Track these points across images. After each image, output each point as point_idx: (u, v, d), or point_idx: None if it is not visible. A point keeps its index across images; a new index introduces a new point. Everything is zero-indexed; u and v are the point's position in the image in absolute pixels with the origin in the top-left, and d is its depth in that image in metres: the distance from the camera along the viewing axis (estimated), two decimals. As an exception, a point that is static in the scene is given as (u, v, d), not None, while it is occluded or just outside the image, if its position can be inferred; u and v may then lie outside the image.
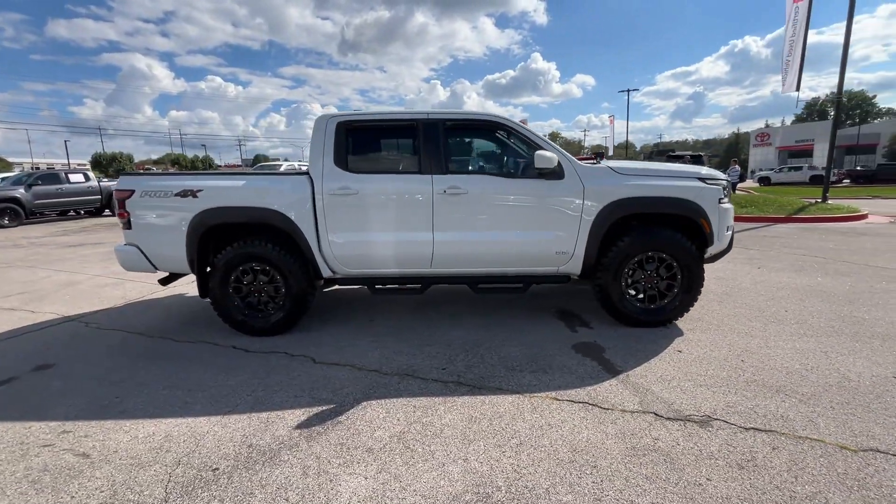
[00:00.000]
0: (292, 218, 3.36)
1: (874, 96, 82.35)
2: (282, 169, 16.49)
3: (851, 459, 1.89)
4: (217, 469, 1.97)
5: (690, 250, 3.31)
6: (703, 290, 3.45)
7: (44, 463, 2.04)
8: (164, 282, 3.97)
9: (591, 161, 3.85)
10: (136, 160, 68.21)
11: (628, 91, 42.84)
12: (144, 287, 5.26)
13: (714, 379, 2.65)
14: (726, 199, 3.47)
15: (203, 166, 65.47)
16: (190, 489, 1.84)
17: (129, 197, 3.45)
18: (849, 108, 77.21)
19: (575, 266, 3.42)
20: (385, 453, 2.04)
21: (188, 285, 5.22)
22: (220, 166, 61.99)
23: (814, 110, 79.92)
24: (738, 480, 1.79)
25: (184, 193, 3.38)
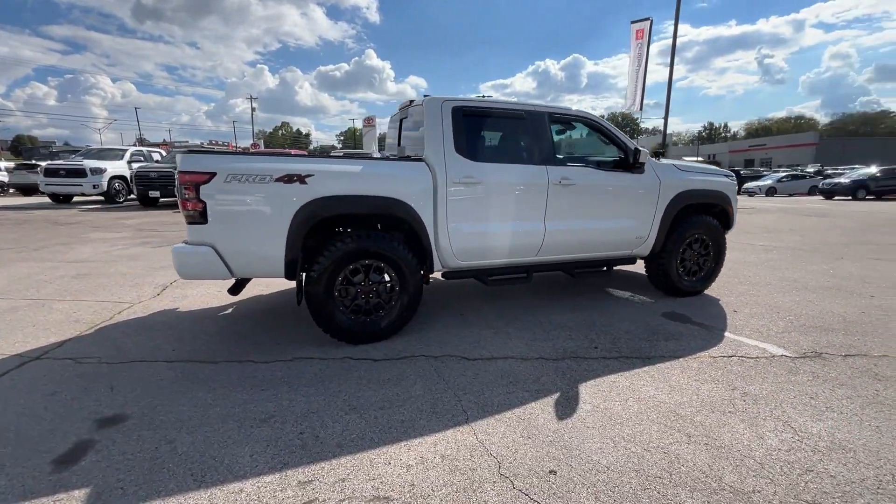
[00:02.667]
0: (416, 208, 3.07)
1: (638, 118, 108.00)
2: (128, 154, 13.41)
3: (914, 363, 2.87)
4: (554, 471, 1.86)
5: (722, 232, 4.20)
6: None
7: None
8: (235, 290, 3.11)
9: None
10: None
11: (484, 96, 46.43)
12: (91, 306, 3.92)
13: (785, 326, 3.50)
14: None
15: None
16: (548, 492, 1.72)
17: (206, 182, 2.63)
18: (621, 126, 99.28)
19: (645, 249, 3.98)
20: (702, 415, 2.21)
21: (174, 299, 4.15)
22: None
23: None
24: (868, 386, 2.55)
25: (288, 179, 2.76)
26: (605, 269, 3.94)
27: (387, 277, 3.09)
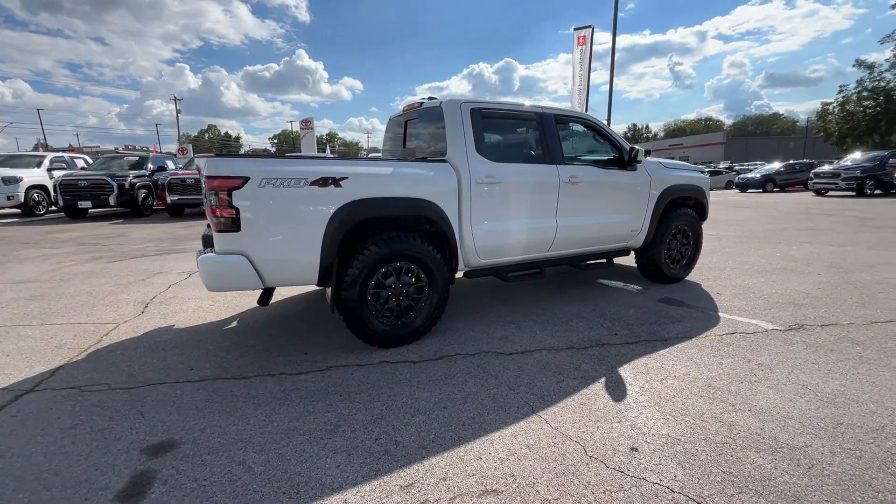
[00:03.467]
0: (444, 208, 3.10)
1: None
2: (47, 161, 12.05)
3: (880, 326, 3.35)
4: (636, 448, 1.99)
5: (699, 222, 4.62)
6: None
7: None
8: (266, 300, 2.93)
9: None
10: None
11: (429, 99, 46.28)
12: (68, 329, 3.53)
13: (764, 304, 3.92)
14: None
15: None
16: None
17: (239, 187, 2.48)
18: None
19: (638, 241, 4.28)
20: (733, 384, 2.44)
21: (164, 316, 3.85)
22: None
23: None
24: (851, 350, 2.97)
25: (323, 182, 2.68)
26: (604, 261, 4.19)
27: (414, 279, 3.09)
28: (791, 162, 24.41)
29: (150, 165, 12.89)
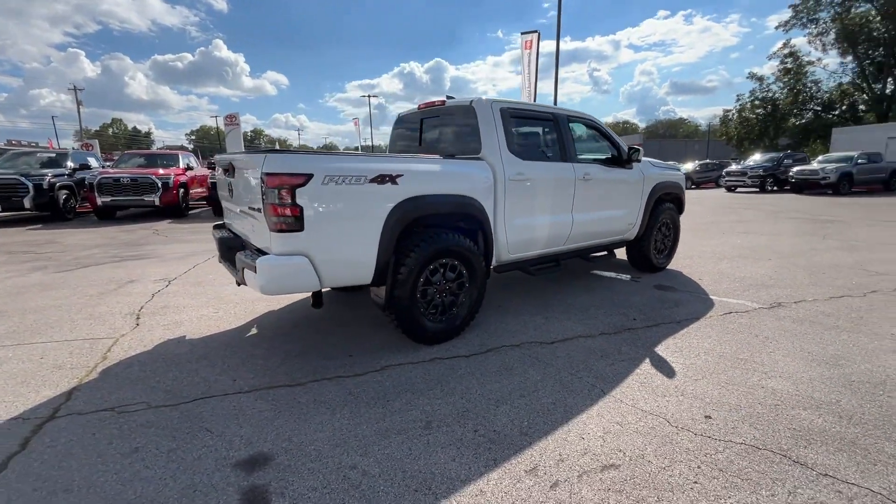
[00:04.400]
0: (484, 205, 3.17)
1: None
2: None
3: (838, 301, 3.96)
4: (709, 416, 2.23)
5: (678, 216, 5.10)
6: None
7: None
8: (319, 303, 2.78)
9: None
10: None
11: (369, 97, 44.88)
12: (57, 348, 3.13)
13: (741, 286, 4.44)
14: None
15: None
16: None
17: (303, 184, 2.37)
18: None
19: (633, 234, 4.64)
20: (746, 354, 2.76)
21: (166, 327, 3.54)
22: None
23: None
24: (828, 322, 3.52)
25: (381, 179, 2.63)
26: (605, 252, 4.51)
27: (456, 275, 3.13)
28: (707, 161, 27.27)
29: (69, 163, 11.38)
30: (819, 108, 32.81)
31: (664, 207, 4.87)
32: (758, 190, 19.10)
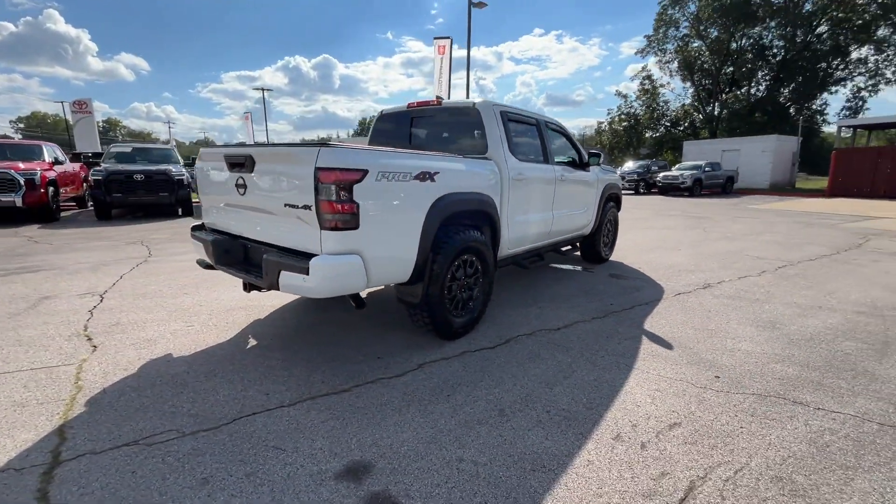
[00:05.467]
0: (497, 203, 3.32)
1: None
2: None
3: (750, 279, 4.92)
4: (718, 377, 2.68)
5: (617, 212, 5.81)
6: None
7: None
8: (362, 303, 2.59)
9: None
10: None
11: (263, 91, 40.89)
12: (7, 381, 2.52)
13: (672, 272, 5.24)
14: None
15: None
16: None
17: (360, 180, 2.26)
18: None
19: (589, 229, 5.18)
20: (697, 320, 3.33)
21: (135, 345, 3.08)
22: None
23: (365, 126, 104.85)
24: (759, 291, 4.39)
25: (423, 176, 2.63)
26: (570, 247, 4.97)
27: (473, 270, 3.23)
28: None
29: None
30: (669, 124, 39.14)
31: (610, 206, 5.53)
32: (633, 192, 22.17)
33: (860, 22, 29.30)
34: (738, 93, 35.33)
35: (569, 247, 5.03)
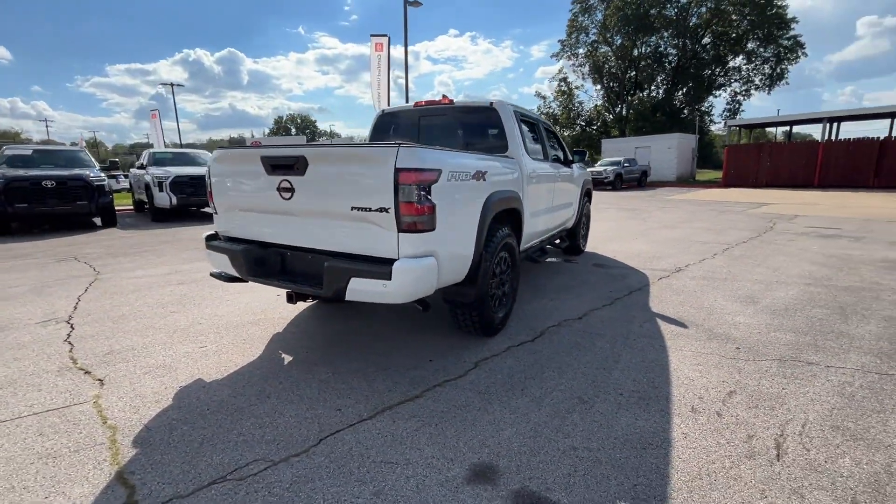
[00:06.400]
0: (521, 200, 3.41)
1: (315, 120, 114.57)
2: None
3: (716, 259, 5.54)
4: (739, 348, 3.02)
5: (590, 206, 6.21)
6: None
7: (744, 408, 2.28)
8: (427, 306, 2.48)
9: None
10: None
11: (172, 86, 36.07)
12: (23, 426, 2.12)
13: (643, 260, 5.72)
14: None
15: None
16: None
17: (436, 181, 2.21)
18: (303, 126, 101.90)
19: (571, 222, 5.47)
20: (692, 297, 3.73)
21: (156, 375, 2.76)
22: None
23: (281, 125, 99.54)
24: (727, 269, 4.97)
25: (478, 176, 2.63)
26: (559, 240, 5.22)
27: (505, 267, 3.30)
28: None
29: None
30: (584, 124, 42.18)
31: (585, 200, 5.89)
32: (562, 187, 23.61)
33: (734, 35, 33.94)
34: (642, 95, 39.05)
35: (558, 240, 5.29)
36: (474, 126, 3.73)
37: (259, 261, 2.66)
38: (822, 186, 19.52)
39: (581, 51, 39.92)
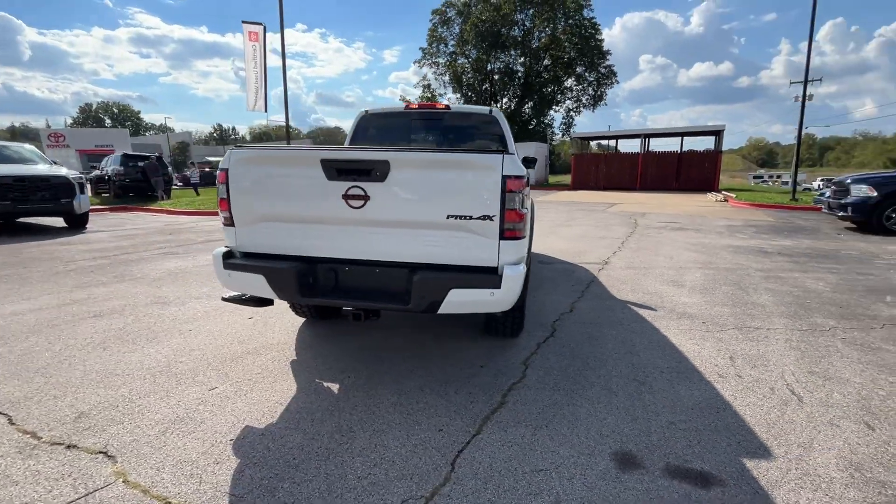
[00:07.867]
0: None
1: (139, 111, 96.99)
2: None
3: (657, 245, 6.52)
4: (748, 326, 3.72)
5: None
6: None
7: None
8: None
9: None
10: None
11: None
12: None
13: (596, 258, 6.44)
14: None
15: None
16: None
17: (525, 187, 2.24)
18: (122, 118, 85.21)
19: (516, 224, 5.86)
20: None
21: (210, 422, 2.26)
22: None
23: (89, 115, 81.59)
24: (640, 269, 5.94)
25: (528, 182, 2.70)
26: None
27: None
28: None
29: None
30: (447, 130, 44.46)
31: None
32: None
33: (566, 59, 39.76)
34: (497, 106, 42.97)
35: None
36: (474, 131, 3.79)
37: (314, 279, 2.31)
38: (643, 189, 24.27)
39: (441, 60, 42.06)
